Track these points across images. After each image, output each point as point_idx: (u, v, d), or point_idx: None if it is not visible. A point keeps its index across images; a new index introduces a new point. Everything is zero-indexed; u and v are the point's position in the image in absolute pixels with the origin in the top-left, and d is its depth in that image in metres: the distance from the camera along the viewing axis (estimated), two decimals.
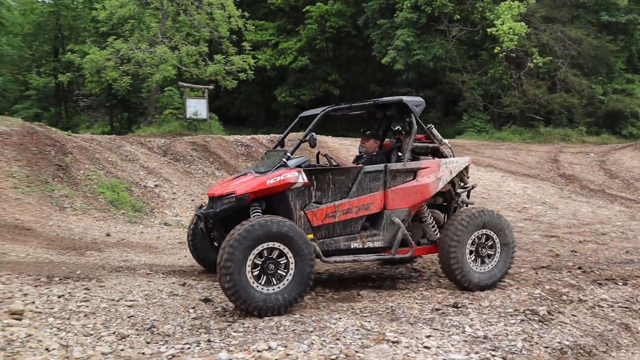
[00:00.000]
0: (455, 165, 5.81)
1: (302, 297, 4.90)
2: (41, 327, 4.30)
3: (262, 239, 4.71)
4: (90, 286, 5.43)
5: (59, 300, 4.95)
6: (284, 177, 5.20)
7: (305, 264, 4.85)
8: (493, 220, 5.64)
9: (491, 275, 5.66)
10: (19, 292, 5.05)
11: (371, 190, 5.48)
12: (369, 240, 5.51)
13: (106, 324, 4.52)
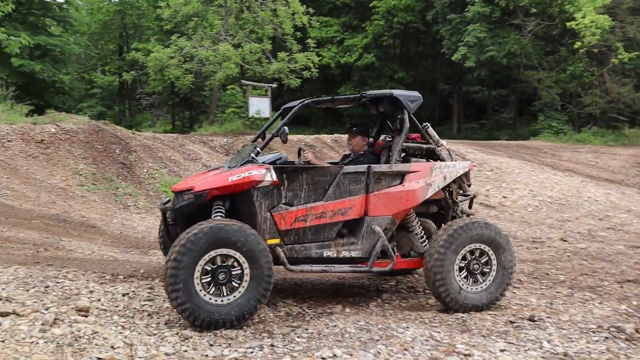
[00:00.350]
0: (452, 170, 5.42)
1: (256, 309, 4.65)
2: (106, 325, 4.48)
3: (212, 246, 4.48)
4: (154, 285, 5.62)
5: (123, 299, 5.14)
6: (249, 175, 4.97)
7: (261, 275, 4.60)
8: (487, 232, 5.17)
9: (487, 295, 5.20)
10: (85, 289, 5.28)
11: (350, 194, 5.18)
12: (345, 249, 5.20)
13: (169, 324, 4.65)
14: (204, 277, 4.52)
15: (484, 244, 5.17)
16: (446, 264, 5.05)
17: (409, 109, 5.41)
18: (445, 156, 5.57)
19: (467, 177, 5.64)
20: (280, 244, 5.06)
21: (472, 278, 5.21)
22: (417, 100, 5.49)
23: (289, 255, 5.08)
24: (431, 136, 5.64)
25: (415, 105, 5.46)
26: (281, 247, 5.05)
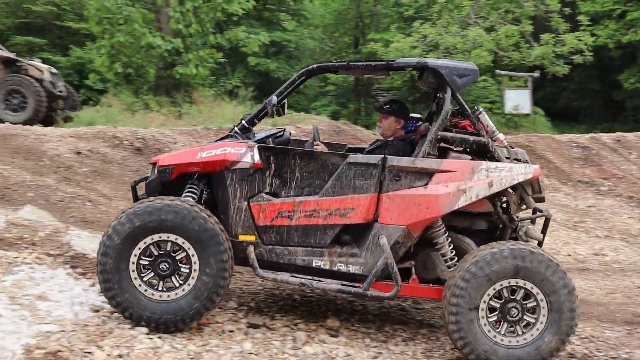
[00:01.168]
0: (504, 175, 4.67)
1: (205, 309, 4.50)
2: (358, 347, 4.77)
3: (150, 230, 4.41)
4: (406, 307, 5.82)
5: (374, 320, 5.42)
6: (222, 152, 4.76)
7: (211, 268, 4.45)
8: (532, 265, 4.40)
9: (531, 353, 4.47)
10: (334, 307, 5.69)
11: (355, 191, 4.70)
12: (342, 260, 4.75)
13: (427, 352, 4.77)
14: (144, 267, 4.54)
15: (527, 281, 4.45)
16: (465, 304, 4.42)
17: (454, 86, 4.79)
18: (501, 154, 4.81)
19: (533, 187, 4.91)
20: (256, 242, 4.80)
21: (511, 327, 4.55)
22: (469, 75, 4.85)
23: (267, 258, 4.81)
24: (484, 125, 4.91)
25: (465, 82, 4.85)
26: (257, 247, 4.80)
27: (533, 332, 4.49)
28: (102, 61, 15.28)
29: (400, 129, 5.34)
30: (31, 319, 4.38)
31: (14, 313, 4.35)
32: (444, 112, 4.78)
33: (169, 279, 4.56)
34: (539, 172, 4.83)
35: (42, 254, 5.41)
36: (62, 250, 5.67)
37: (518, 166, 4.74)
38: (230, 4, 15.36)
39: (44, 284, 4.89)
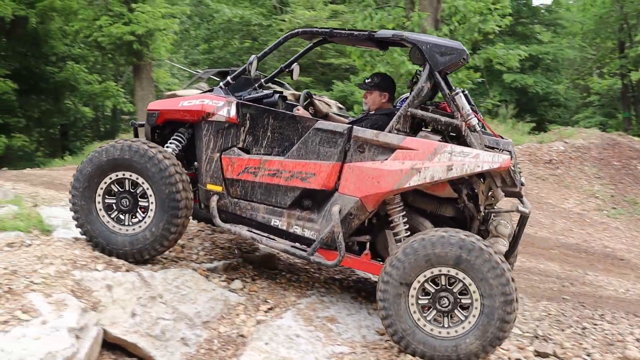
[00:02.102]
0: (468, 161, 4.30)
1: (162, 245, 4.73)
2: None
3: (107, 170, 4.72)
4: None
5: None
6: (200, 103, 5.00)
7: (167, 203, 4.63)
8: (476, 261, 4.11)
9: (448, 349, 4.20)
10: (630, 336, 5.12)
11: (319, 157, 4.68)
12: (299, 224, 4.80)
13: None
14: (108, 198, 4.81)
15: (458, 270, 4.17)
16: (394, 293, 4.27)
17: (433, 63, 4.52)
18: (474, 140, 4.42)
19: (504, 179, 4.50)
20: (222, 194, 4.96)
21: (435, 314, 4.31)
22: (452, 54, 4.53)
23: (232, 210, 4.96)
24: (459, 107, 4.50)
25: (447, 60, 4.53)
26: (223, 198, 4.95)
27: (458, 329, 4.24)
28: None
29: (386, 102, 5.15)
30: (325, 340, 4.59)
31: (310, 334, 4.59)
32: (416, 89, 4.60)
33: (138, 212, 4.84)
34: (507, 163, 4.31)
35: (328, 279, 5.69)
36: (345, 275, 5.91)
37: (486, 154, 4.34)
38: (486, 24, 15.06)
39: (332, 307, 5.11)
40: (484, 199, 4.63)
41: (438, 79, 4.57)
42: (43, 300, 4.01)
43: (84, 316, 4.03)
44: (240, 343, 4.37)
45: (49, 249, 4.64)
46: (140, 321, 4.30)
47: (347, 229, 4.66)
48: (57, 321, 3.85)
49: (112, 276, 4.50)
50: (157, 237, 4.70)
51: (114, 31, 14.49)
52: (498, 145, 4.54)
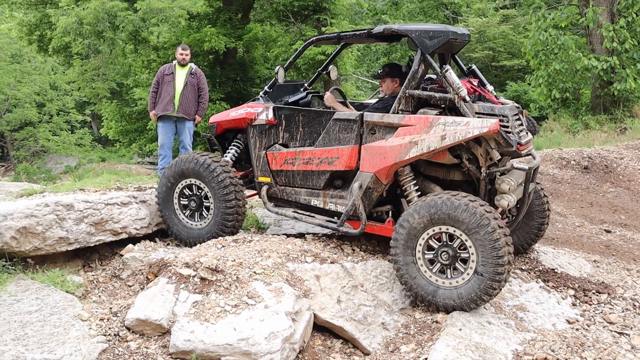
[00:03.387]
0: (459, 129, 4.41)
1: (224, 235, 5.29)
2: None
3: (179, 176, 5.41)
4: None
5: None
6: (245, 112, 5.50)
7: (221, 200, 5.25)
8: (450, 210, 4.26)
9: (461, 294, 4.32)
10: None
11: (340, 143, 5.03)
12: (332, 201, 5.17)
13: None
14: (182, 200, 5.52)
15: (450, 226, 4.31)
16: (403, 247, 4.47)
17: (423, 48, 4.70)
18: (467, 109, 4.52)
19: (497, 142, 4.49)
20: (270, 183, 5.45)
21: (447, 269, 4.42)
22: (439, 37, 4.68)
23: (280, 196, 5.45)
24: (450, 82, 4.61)
25: (435, 43, 4.69)
26: (272, 187, 5.45)
27: (459, 280, 4.38)
28: (541, 90, 15.10)
29: (398, 87, 5.20)
30: (515, 328, 4.43)
31: (501, 321, 4.45)
32: (411, 71, 4.75)
33: (204, 211, 5.44)
34: (495, 127, 4.36)
35: (516, 269, 5.46)
36: (531, 266, 5.64)
37: (475, 120, 4.43)
38: None
39: (521, 296, 4.91)
40: (483, 161, 4.67)
41: (429, 60, 4.71)
42: (264, 288, 4.31)
43: (298, 302, 4.27)
44: (435, 328, 4.35)
45: (266, 244, 4.97)
46: (345, 307, 4.46)
47: (370, 200, 4.94)
48: (276, 306, 4.12)
49: (319, 267, 4.71)
50: (215, 231, 5.37)
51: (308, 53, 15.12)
52: (493, 111, 4.57)
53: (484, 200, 4.65)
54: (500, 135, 4.45)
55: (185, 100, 7.78)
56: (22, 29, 17.62)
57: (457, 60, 5.32)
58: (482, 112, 4.56)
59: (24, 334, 3.98)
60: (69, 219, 5.04)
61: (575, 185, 9.43)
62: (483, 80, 5.15)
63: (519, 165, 4.58)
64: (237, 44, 17.05)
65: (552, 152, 10.65)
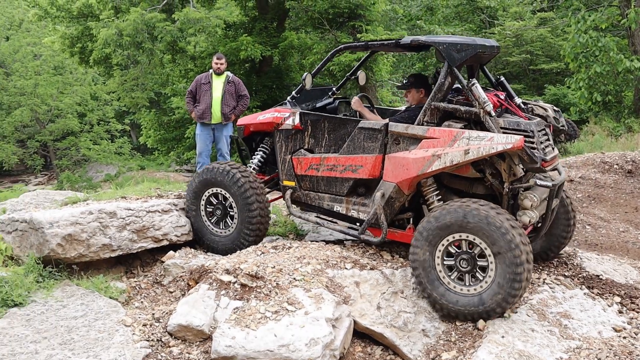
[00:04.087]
0: (483, 144, 4.37)
1: (247, 242, 5.39)
2: None
3: (203, 186, 5.56)
4: None
5: None
6: (272, 116, 5.55)
7: (244, 206, 5.34)
8: (473, 218, 4.23)
9: (481, 300, 4.27)
10: None
11: (364, 151, 5.03)
12: (355, 208, 5.20)
13: None
14: (208, 208, 5.62)
15: (470, 234, 4.28)
16: (422, 253, 4.48)
17: (450, 60, 4.60)
18: (492, 124, 4.47)
19: (521, 158, 4.42)
20: (295, 188, 5.50)
21: (466, 276, 4.39)
22: (466, 50, 4.59)
23: (304, 200, 5.49)
24: (476, 96, 4.51)
25: (463, 56, 4.59)
26: (296, 191, 5.50)
27: (477, 287, 4.36)
28: (581, 94, 14.80)
29: (423, 97, 5.20)
30: (559, 335, 4.33)
31: (544, 329, 4.37)
32: (437, 84, 4.71)
33: (228, 219, 5.53)
34: (519, 143, 4.30)
35: (559, 276, 5.35)
36: (575, 272, 5.52)
37: (500, 136, 4.38)
38: None
39: (565, 303, 4.81)
40: (506, 176, 4.62)
41: (456, 73, 4.64)
42: (304, 294, 4.32)
43: (338, 308, 4.26)
44: (476, 335, 4.29)
45: (305, 251, 4.98)
46: (385, 314, 4.44)
47: (392, 209, 4.94)
48: (316, 312, 4.13)
49: (358, 274, 4.70)
50: (239, 238, 5.44)
51: (343, 60, 15.16)
52: (519, 126, 4.49)
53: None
54: (525, 151, 4.38)
55: (226, 108, 7.89)
56: (64, 42, 18.08)
57: (485, 71, 5.29)
58: (507, 127, 4.49)
59: (70, 339, 4.07)
60: (112, 226, 5.14)
61: (618, 190, 9.20)
62: (511, 92, 5.09)
63: (543, 183, 4.53)
64: (272, 52, 17.20)
65: (594, 156, 10.42)
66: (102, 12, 16.25)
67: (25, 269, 4.74)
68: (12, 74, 28.37)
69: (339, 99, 6.07)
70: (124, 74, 19.67)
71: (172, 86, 20.50)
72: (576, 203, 8.74)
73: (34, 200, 6.68)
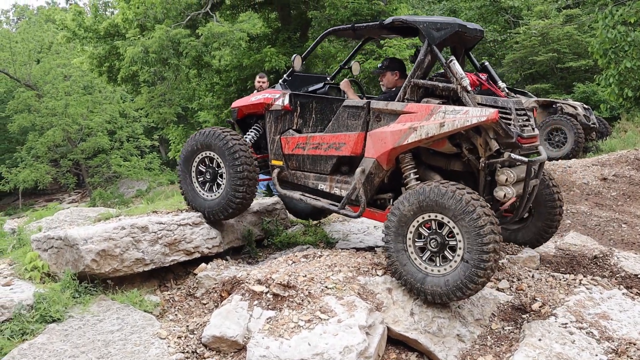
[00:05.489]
0: (459, 117, 4.42)
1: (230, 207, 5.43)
2: None
3: (195, 150, 5.63)
4: None
5: None
6: (263, 97, 5.75)
7: (232, 172, 5.37)
8: (438, 198, 4.24)
9: (448, 282, 4.24)
10: None
11: (348, 129, 5.12)
12: (338, 186, 5.28)
13: None
14: (199, 176, 5.70)
15: (438, 214, 4.29)
16: (394, 235, 4.51)
17: (430, 39, 4.73)
18: (469, 99, 4.51)
19: (497, 132, 4.43)
20: (282, 167, 5.60)
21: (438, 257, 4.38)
22: (446, 28, 4.72)
23: (291, 179, 5.57)
24: (453, 72, 4.61)
25: (442, 35, 4.71)
26: (284, 170, 5.60)
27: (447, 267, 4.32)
28: (611, 90, 14.54)
29: (399, 80, 5.30)
30: (598, 337, 4.25)
31: (582, 331, 4.29)
32: (417, 61, 4.80)
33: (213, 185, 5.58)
34: (493, 116, 4.32)
35: (595, 276, 5.26)
36: (612, 272, 5.42)
37: (475, 109, 4.40)
38: None
39: (603, 304, 4.71)
40: (482, 151, 4.60)
41: (435, 51, 4.74)
42: (336, 302, 4.32)
43: (371, 316, 4.25)
44: (513, 339, 4.24)
45: (336, 259, 4.98)
46: (418, 319, 4.41)
47: (371, 186, 4.98)
48: (349, 320, 4.12)
49: (390, 280, 4.68)
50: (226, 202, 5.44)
51: (367, 66, 15.17)
52: (496, 102, 4.54)
53: (484, 192, 4.75)
54: (500, 125, 4.40)
55: None
56: (92, 62, 18.46)
57: (470, 56, 5.32)
58: (484, 103, 4.54)
59: (107, 353, 4.13)
60: (144, 240, 5.21)
61: None
62: (494, 76, 5.13)
63: (517, 157, 4.50)
64: None
65: (627, 153, 10.23)
66: (128, 30, 16.56)
67: (61, 285, 4.83)
68: (43, 95, 29.06)
69: (329, 85, 6.16)
70: (151, 90, 19.99)
71: (198, 100, 20.73)
72: (612, 201, 8.59)
73: (68, 218, 6.82)
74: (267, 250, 6.22)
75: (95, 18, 18.78)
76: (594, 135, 12.77)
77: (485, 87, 4.88)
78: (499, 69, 22.46)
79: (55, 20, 23.22)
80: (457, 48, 5.17)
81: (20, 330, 4.30)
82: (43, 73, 29.88)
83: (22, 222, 7.36)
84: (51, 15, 38.30)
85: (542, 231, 5.57)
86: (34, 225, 6.87)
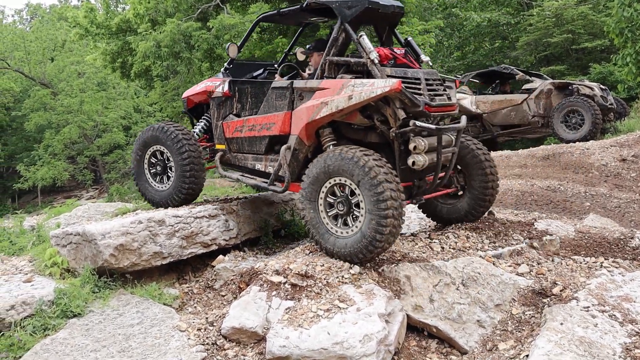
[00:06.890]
0: (365, 89, 4.58)
1: (179, 195, 5.72)
2: None
3: (145, 145, 5.91)
4: None
5: None
6: (205, 85, 6.03)
7: (179, 162, 5.64)
8: (333, 161, 4.54)
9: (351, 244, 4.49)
10: None
11: (276, 109, 5.33)
12: (272, 165, 5.49)
13: None
14: (151, 168, 5.96)
15: (343, 177, 4.53)
16: (308, 200, 4.77)
17: (342, 17, 4.89)
18: (378, 72, 4.66)
19: (403, 101, 4.58)
20: (225, 150, 5.86)
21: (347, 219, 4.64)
22: (356, 5, 4.83)
23: (233, 162, 5.85)
24: (363, 47, 4.77)
25: (353, 12, 4.85)
26: (227, 153, 5.86)
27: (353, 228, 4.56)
28: (629, 70, 14.29)
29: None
30: (622, 320, 4.18)
31: (605, 314, 4.22)
32: (331, 39, 4.96)
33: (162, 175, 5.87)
34: (396, 86, 4.46)
35: (617, 258, 5.18)
36: (634, 254, 5.33)
37: (380, 81, 4.55)
38: None
39: (625, 286, 4.64)
40: (392, 121, 4.72)
41: (347, 28, 4.87)
42: (355, 291, 4.30)
43: (390, 303, 4.23)
44: (534, 324, 4.19)
45: None
46: (438, 306, 4.38)
47: (297, 161, 5.16)
48: (368, 308, 4.10)
49: (409, 267, 4.65)
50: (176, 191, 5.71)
51: None
52: (406, 74, 4.70)
53: (401, 162, 4.84)
54: (405, 94, 4.54)
55: None
56: (105, 58, 18.52)
57: (395, 34, 5.41)
58: (394, 75, 4.64)
59: (128, 346, 4.16)
60: (162, 234, 5.22)
61: None
62: (418, 51, 5.24)
63: (423, 124, 4.62)
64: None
65: None
66: (140, 25, 16.57)
67: (81, 281, 4.87)
68: (58, 93, 29.27)
69: (268, 70, 6.32)
70: (165, 84, 20.02)
71: None
72: (632, 183, 8.47)
73: (86, 214, 6.86)
74: (284, 241, 6.22)
75: (107, 14, 18.82)
76: (612, 116, 12.55)
77: (400, 61, 4.98)
78: (513, 52, 22.19)
79: (68, 18, 23.35)
80: (379, 26, 5.31)
81: (42, 325, 4.35)
82: (57, 71, 30.08)
83: (41, 219, 7.42)
84: (63, 13, 38.51)
85: (476, 205, 5.60)
86: (53, 221, 6.93)
